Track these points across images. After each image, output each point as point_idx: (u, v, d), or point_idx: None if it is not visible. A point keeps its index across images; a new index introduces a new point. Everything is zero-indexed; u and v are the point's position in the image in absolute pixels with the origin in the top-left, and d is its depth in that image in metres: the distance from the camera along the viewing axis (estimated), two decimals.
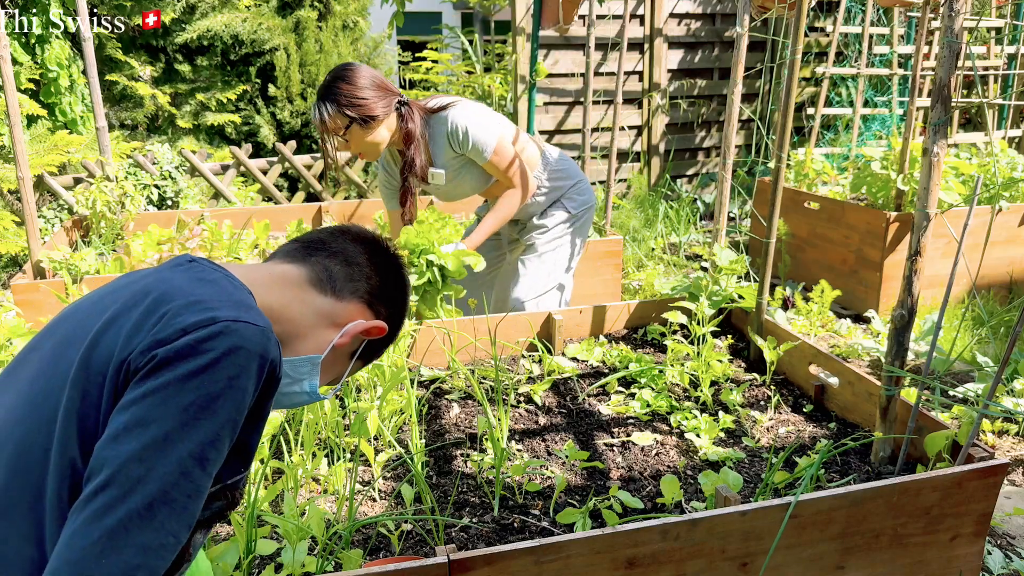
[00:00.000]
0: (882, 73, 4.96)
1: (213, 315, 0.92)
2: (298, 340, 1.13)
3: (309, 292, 1.15)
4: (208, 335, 0.90)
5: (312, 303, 1.14)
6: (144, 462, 0.84)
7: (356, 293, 1.18)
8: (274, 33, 5.74)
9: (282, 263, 1.18)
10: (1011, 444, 2.55)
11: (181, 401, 0.87)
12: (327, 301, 1.15)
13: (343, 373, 1.23)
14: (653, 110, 5.99)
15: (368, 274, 1.19)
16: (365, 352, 1.23)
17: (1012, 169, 3.95)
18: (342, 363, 1.21)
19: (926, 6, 3.62)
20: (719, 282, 2.55)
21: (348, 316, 1.17)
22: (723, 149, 2.51)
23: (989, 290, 3.83)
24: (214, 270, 1.05)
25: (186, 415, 0.87)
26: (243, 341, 0.92)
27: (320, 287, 1.15)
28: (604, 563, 1.38)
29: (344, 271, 1.18)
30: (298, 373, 1.14)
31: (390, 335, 1.24)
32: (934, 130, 1.65)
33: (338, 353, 1.18)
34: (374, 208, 4.31)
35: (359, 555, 1.50)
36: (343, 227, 1.26)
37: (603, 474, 1.86)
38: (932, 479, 1.54)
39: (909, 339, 1.78)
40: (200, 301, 0.95)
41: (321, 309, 1.14)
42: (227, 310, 0.94)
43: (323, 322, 1.15)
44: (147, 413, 0.86)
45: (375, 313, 1.20)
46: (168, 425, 0.86)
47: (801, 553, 1.50)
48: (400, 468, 1.89)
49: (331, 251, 1.19)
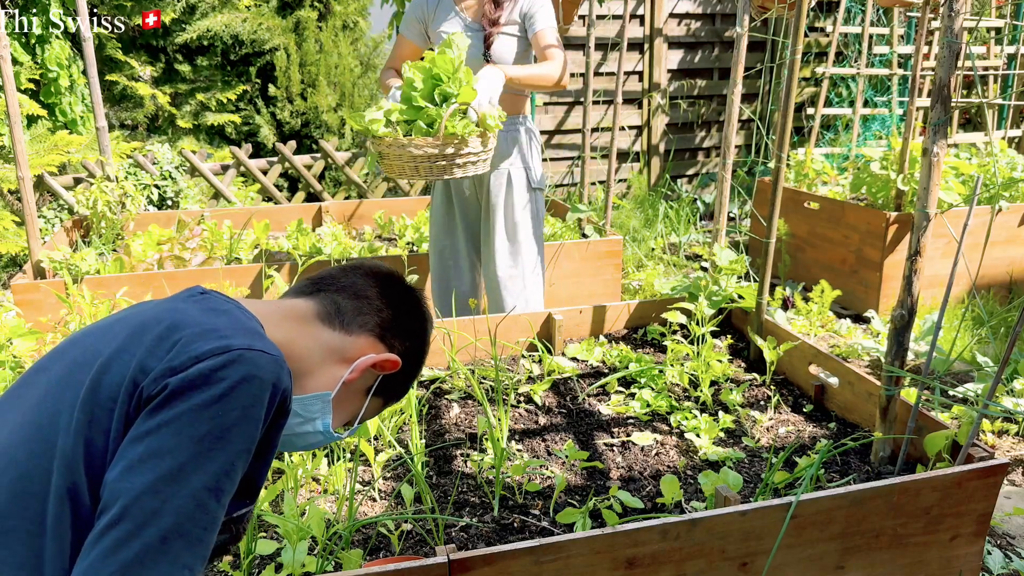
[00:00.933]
0: (882, 73, 4.96)
1: (227, 343, 0.91)
2: (307, 377, 1.11)
3: (317, 327, 1.13)
4: (222, 363, 0.89)
5: (320, 338, 1.12)
6: (159, 494, 0.83)
7: (366, 327, 1.15)
8: (274, 33, 5.74)
9: (291, 299, 1.17)
10: (1011, 444, 2.55)
11: (195, 432, 0.86)
12: (335, 336, 1.13)
13: (359, 411, 1.20)
14: (653, 110, 5.99)
15: (379, 307, 1.17)
16: (383, 389, 1.20)
17: (1012, 169, 3.95)
18: (357, 400, 1.19)
19: (926, 6, 3.62)
20: (719, 282, 2.55)
21: (358, 351, 1.14)
22: (723, 149, 2.51)
23: (989, 290, 3.83)
24: (226, 301, 1.05)
25: (201, 446, 0.86)
26: (257, 369, 0.91)
27: (328, 321, 1.13)
28: (604, 563, 1.38)
29: (353, 304, 1.15)
30: (309, 412, 1.12)
31: (409, 369, 1.21)
32: (934, 130, 1.65)
33: (351, 389, 1.16)
34: (374, 208, 4.31)
35: (359, 555, 1.50)
36: (356, 263, 1.24)
37: (603, 474, 1.86)
38: (932, 479, 1.54)
39: (909, 339, 1.78)
40: (214, 330, 0.94)
41: (329, 344, 1.12)
42: (240, 338, 0.93)
43: (332, 357, 1.12)
44: (161, 444, 0.85)
45: (388, 347, 1.17)
46: (183, 457, 0.85)
47: (801, 553, 1.50)
48: (400, 468, 1.89)
49: (340, 286, 1.17)
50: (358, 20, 6.16)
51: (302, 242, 3.53)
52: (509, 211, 2.68)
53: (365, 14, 6.27)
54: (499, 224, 2.68)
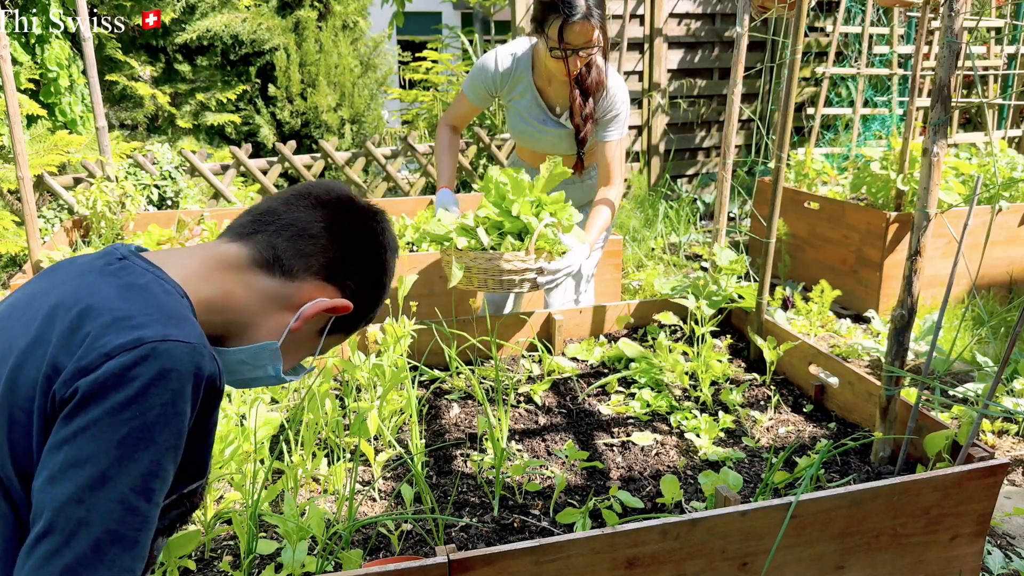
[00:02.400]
0: (882, 73, 4.96)
1: (138, 336, 0.85)
2: (251, 328, 1.04)
3: (254, 275, 1.03)
4: (133, 360, 0.83)
5: (258, 287, 1.03)
6: (83, 503, 0.80)
7: (310, 270, 1.05)
8: (274, 33, 5.74)
9: (227, 243, 1.06)
10: (1011, 444, 2.55)
11: (114, 436, 0.81)
12: (276, 283, 1.04)
13: (314, 351, 1.13)
14: (653, 110, 5.99)
15: (325, 246, 1.06)
16: (339, 327, 1.12)
17: (1012, 169, 3.95)
18: (309, 342, 1.11)
19: (926, 6, 3.62)
20: (719, 282, 2.55)
21: (302, 296, 1.05)
22: (723, 149, 2.51)
23: (989, 290, 3.83)
24: (145, 271, 0.96)
25: (122, 450, 0.82)
26: (172, 362, 0.85)
27: (267, 268, 1.04)
28: (604, 563, 1.38)
29: (294, 247, 1.04)
30: (258, 360, 1.06)
31: (365, 307, 1.12)
32: (934, 130, 1.65)
33: (301, 334, 1.08)
34: None
35: (359, 555, 1.50)
36: (303, 190, 1.10)
37: (603, 474, 1.86)
38: (932, 479, 1.54)
39: (909, 339, 1.78)
40: (126, 317, 0.87)
41: (269, 292, 1.03)
42: (155, 327, 0.87)
43: (274, 306, 1.04)
44: (80, 452, 0.81)
45: (338, 288, 1.08)
46: (104, 463, 0.81)
47: (801, 553, 1.50)
48: (400, 468, 1.89)
49: (282, 224, 1.05)
50: (358, 20, 6.16)
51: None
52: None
53: (365, 14, 6.27)
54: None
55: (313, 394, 1.88)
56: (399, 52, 8.19)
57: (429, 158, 5.32)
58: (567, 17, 2.11)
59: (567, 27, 2.12)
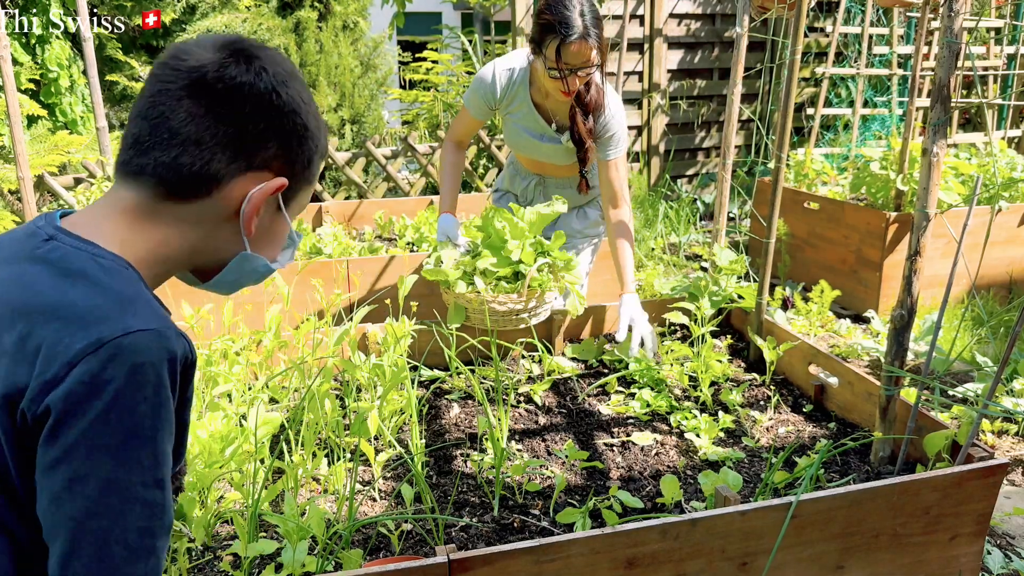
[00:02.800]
0: (882, 73, 4.97)
1: (97, 336, 0.79)
2: (214, 253, 0.96)
3: (171, 208, 0.91)
4: (101, 365, 0.78)
5: (186, 218, 0.92)
6: (100, 515, 0.78)
7: (217, 175, 0.91)
8: (274, 33, 5.74)
9: (128, 188, 0.92)
10: (1010, 444, 2.55)
11: (107, 443, 0.79)
12: (195, 206, 0.92)
13: (286, 225, 1.02)
14: (653, 110, 5.99)
15: (223, 140, 0.90)
16: (294, 191, 0.99)
17: (1011, 169, 3.95)
18: (276, 224, 1.00)
19: (926, 6, 3.63)
20: (719, 282, 2.56)
21: (232, 201, 0.93)
22: (723, 149, 2.51)
23: (989, 290, 3.83)
24: (79, 250, 0.87)
25: (120, 453, 0.79)
26: (142, 356, 0.80)
27: (180, 194, 0.91)
28: (604, 563, 1.39)
29: (188, 161, 0.89)
30: (244, 270, 0.99)
31: (304, 162, 0.98)
32: (934, 130, 1.66)
33: (262, 226, 0.98)
34: (374, 208, 4.31)
35: (359, 555, 1.50)
36: (155, 88, 0.91)
37: (603, 474, 1.86)
38: (932, 479, 1.54)
39: (909, 339, 1.78)
40: (77, 317, 0.81)
41: (198, 218, 0.93)
42: (111, 321, 0.81)
43: (213, 222, 0.94)
44: (78, 469, 0.78)
45: (264, 169, 0.94)
46: (106, 470, 0.79)
47: (801, 553, 1.50)
48: (400, 468, 1.89)
49: (161, 141, 0.89)
50: (358, 20, 6.16)
51: (302, 242, 3.53)
52: (572, 240, 2.71)
53: (365, 14, 6.27)
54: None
55: (313, 394, 1.88)
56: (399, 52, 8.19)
57: (429, 158, 5.33)
58: (564, 37, 2.11)
59: (564, 47, 2.12)
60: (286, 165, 0.96)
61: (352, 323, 2.14)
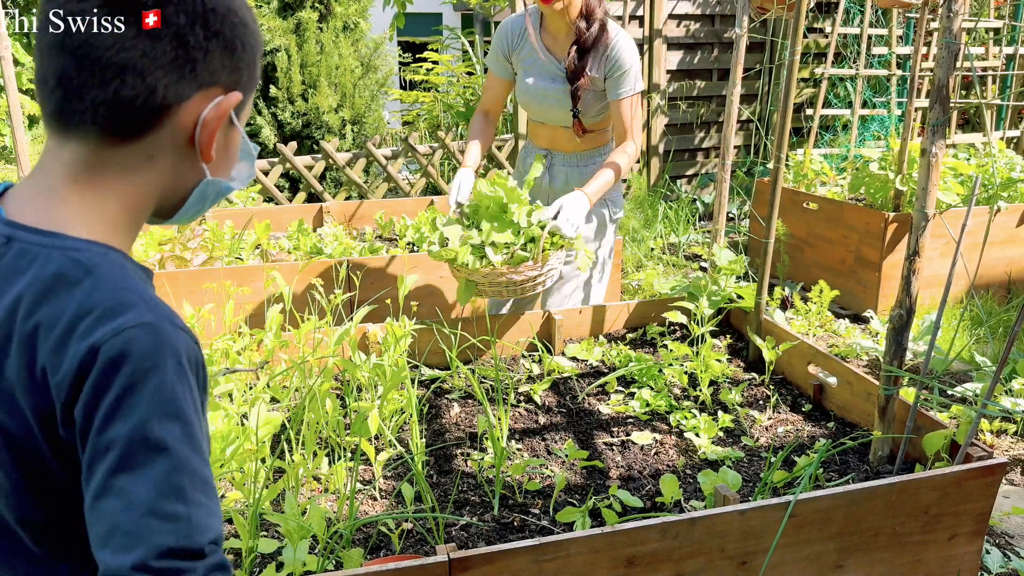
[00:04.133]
0: (880, 74, 4.97)
1: (91, 343, 0.73)
2: (174, 190, 0.86)
3: (123, 152, 0.80)
4: (109, 370, 0.73)
5: (137, 158, 0.81)
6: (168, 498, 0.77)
7: (168, 102, 0.80)
8: (275, 34, 5.75)
9: (65, 146, 0.80)
10: (1009, 443, 2.56)
11: (147, 454, 0.74)
12: (145, 143, 0.81)
13: (238, 143, 0.91)
14: (652, 111, 6.00)
15: (162, 62, 0.78)
16: (241, 104, 0.88)
17: (1010, 169, 3.96)
18: (231, 140, 0.89)
19: (924, 7, 3.63)
20: (718, 282, 2.56)
21: (186, 127, 0.82)
22: (722, 150, 2.52)
23: (987, 290, 3.84)
24: (46, 248, 0.77)
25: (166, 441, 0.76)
26: (148, 356, 0.74)
27: (126, 134, 0.80)
28: (604, 562, 1.39)
29: (130, 94, 0.77)
30: (207, 195, 0.89)
31: (248, 69, 0.87)
32: (932, 131, 1.66)
33: (218, 147, 0.86)
34: (375, 208, 4.31)
35: (360, 554, 1.51)
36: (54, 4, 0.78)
37: (603, 473, 1.87)
38: (930, 478, 1.55)
39: (907, 339, 1.79)
40: (68, 332, 0.74)
41: (152, 153, 0.82)
42: (104, 324, 0.74)
43: (169, 157, 0.83)
44: (131, 485, 0.74)
45: (213, 84, 0.82)
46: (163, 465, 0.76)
47: (800, 552, 1.51)
48: (401, 467, 1.90)
49: (92, 76, 0.77)
50: (359, 21, 6.17)
51: (303, 242, 3.53)
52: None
53: (366, 15, 6.28)
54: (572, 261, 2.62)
55: (314, 394, 1.89)
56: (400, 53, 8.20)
57: (429, 159, 5.33)
58: None
59: None
60: (234, 74, 0.84)
61: (352, 323, 2.15)
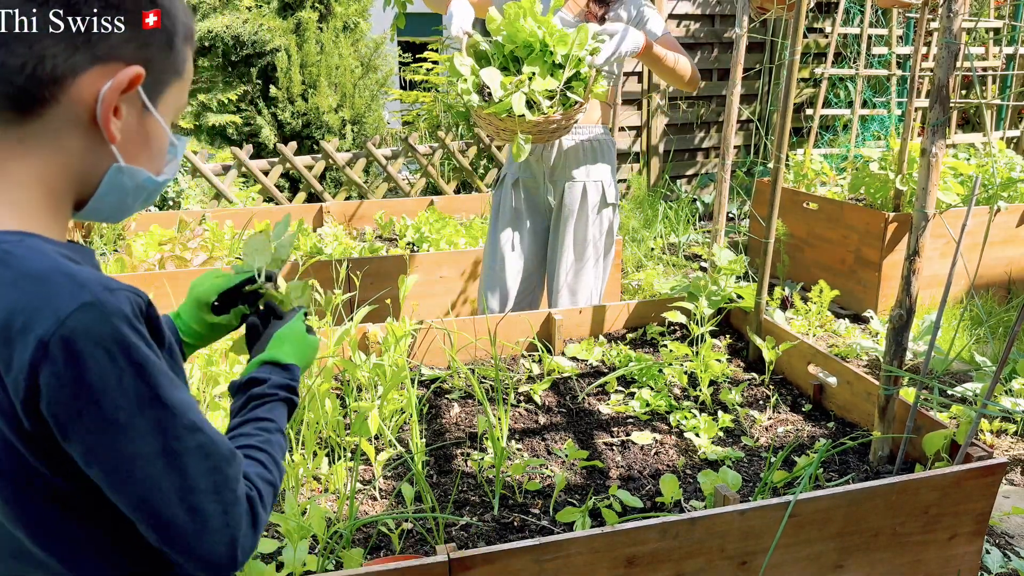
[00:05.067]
0: (881, 74, 4.97)
1: (37, 339, 0.69)
2: (87, 175, 0.80)
3: (23, 129, 0.76)
4: (62, 366, 0.69)
5: (40, 136, 0.76)
6: (170, 480, 0.74)
7: (59, 73, 0.74)
8: (275, 34, 5.75)
9: None
10: (1009, 443, 2.56)
11: (121, 427, 0.72)
12: (46, 119, 0.75)
13: (164, 126, 0.84)
14: (652, 111, 6.00)
15: (50, 31, 0.74)
16: (157, 83, 0.81)
17: (1010, 169, 3.96)
18: (150, 126, 0.82)
19: (925, 7, 3.63)
20: (718, 282, 2.56)
21: (86, 104, 0.76)
22: (722, 150, 2.52)
23: (987, 290, 3.84)
24: None
25: (136, 429, 0.73)
26: (91, 336, 0.70)
27: (19, 107, 0.75)
28: (604, 562, 1.39)
29: (16, 63, 0.73)
30: (125, 187, 0.82)
31: (165, 52, 0.81)
32: (932, 130, 1.66)
33: (130, 131, 0.80)
34: (375, 208, 4.32)
35: (360, 554, 1.51)
36: None
37: (603, 473, 1.87)
38: (930, 478, 1.55)
39: (907, 339, 1.79)
40: (3, 331, 0.70)
41: (55, 131, 0.76)
42: (43, 319, 0.69)
43: (75, 137, 0.77)
44: (108, 464, 0.73)
45: (112, 60, 0.77)
46: (134, 449, 0.73)
47: (800, 552, 1.51)
48: (401, 467, 1.90)
49: None
50: (359, 21, 6.18)
51: (303, 242, 3.54)
52: (581, 225, 2.58)
53: (366, 15, 6.29)
54: (568, 237, 2.58)
55: (314, 394, 1.89)
56: (400, 53, 8.20)
57: (430, 159, 5.33)
58: None
59: None
60: (139, 51, 0.78)
61: (352, 323, 2.15)
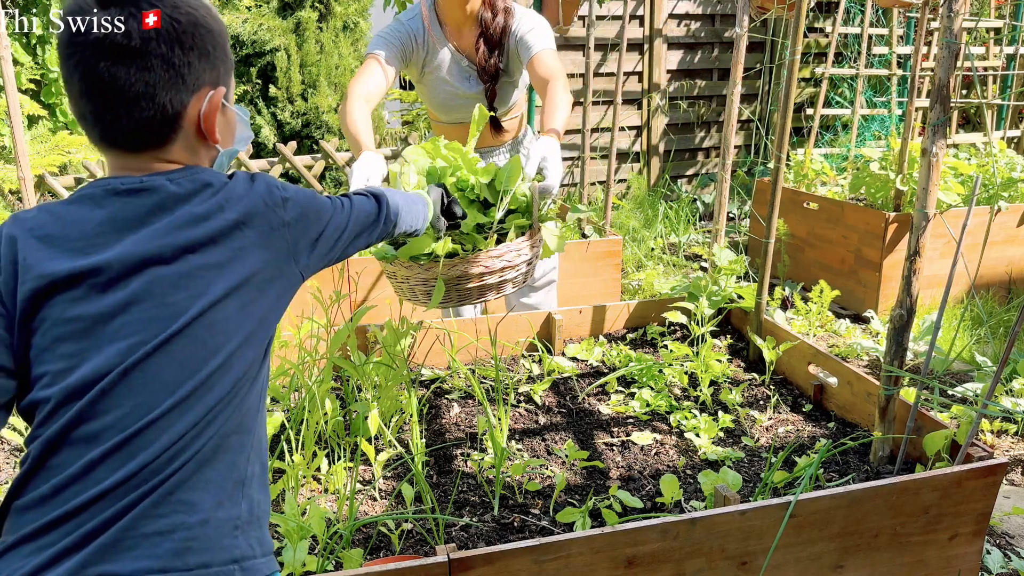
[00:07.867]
0: (881, 74, 4.97)
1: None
2: (208, 163, 1.09)
3: (168, 152, 1.01)
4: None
5: (179, 154, 1.03)
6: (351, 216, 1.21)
7: (176, 110, 1.00)
8: (275, 34, 5.74)
9: (119, 157, 1.02)
10: (1010, 443, 2.56)
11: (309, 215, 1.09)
12: (177, 144, 1.02)
13: (234, 116, 1.11)
14: (653, 110, 6.00)
15: (162, 84, 0.98)
16: (227, 91, 1.08)
17: (1011, 169, 3.95)
18: (228, 118, 1.09)
19: (925, 7, 3.63)
20: (718, 282, 2.56)
21: (194, 121, 1.02)
22: (722, 149, 2.52)
23: (988, 290, 3.83)
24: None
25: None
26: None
27: (158, 143, 1.01)
28: (604, 562, 1.39)
29: (148, 115, 0.98)
30: (221, 167, 1.10)
31: (228, 63, 1.08)
32: (933, 130, 1.66)
33: (220, 127, 1.06)
34: None
35: (359, 554, 1.51)
36: (78, 52, 1.00)
37: (603, 473, 1.87)
38: (931, 479, 1.54)
39: (908, 339, 1.79)
40: None
41: (184, 148, 1.02)
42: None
43: (195, 148, 1.04)
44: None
45: (202, 86, 1.02)
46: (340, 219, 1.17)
47: (800, 552, 1.50)
48: (400, 467, 1.90)
49: (116, 107, 0.97)
50: (359, 21, 6.17)
51: None
52: None
53: (366, 15, 6.28)
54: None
55: (313, 394, 1.89)
56: None
57: None
58: None
59: None
60: (213, 72, 1.05)
61: (352, 323, 2.14)
